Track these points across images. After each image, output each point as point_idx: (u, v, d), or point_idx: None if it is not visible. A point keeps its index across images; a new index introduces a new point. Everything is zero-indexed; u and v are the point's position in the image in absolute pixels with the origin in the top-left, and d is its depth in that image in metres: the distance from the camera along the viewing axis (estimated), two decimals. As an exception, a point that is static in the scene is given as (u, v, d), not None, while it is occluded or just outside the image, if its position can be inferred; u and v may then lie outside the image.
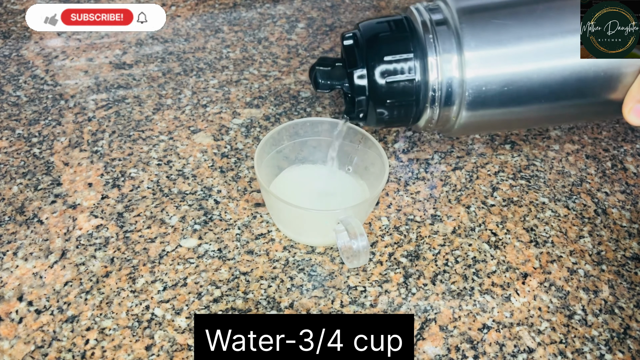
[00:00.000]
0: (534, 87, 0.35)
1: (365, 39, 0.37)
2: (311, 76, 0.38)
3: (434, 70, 0.35)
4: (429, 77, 0.36)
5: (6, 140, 0.49)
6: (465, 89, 0.35)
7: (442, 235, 0.42)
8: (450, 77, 0.35)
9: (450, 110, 0.37)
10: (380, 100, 0.37)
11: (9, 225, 0.41)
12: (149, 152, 0.48)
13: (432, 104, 0.36)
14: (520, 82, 0.35)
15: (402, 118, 0.38)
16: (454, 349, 0.35)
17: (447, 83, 0.35)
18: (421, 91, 0.36)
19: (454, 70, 0.35)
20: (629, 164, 0.50)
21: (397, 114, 0.38)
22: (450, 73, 0.35)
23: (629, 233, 0.44)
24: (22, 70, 0.57)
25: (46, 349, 0.34)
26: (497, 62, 0.35)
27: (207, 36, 0.63)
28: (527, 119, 0.40)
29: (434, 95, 0.36)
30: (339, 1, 0.71)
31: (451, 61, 0.35)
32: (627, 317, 0.38)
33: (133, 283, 0.38)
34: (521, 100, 0.36)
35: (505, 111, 0.37)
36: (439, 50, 0.35)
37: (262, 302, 0.37)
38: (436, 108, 0.37)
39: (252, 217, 0.43)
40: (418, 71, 0.36)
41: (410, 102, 0.37)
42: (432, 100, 0.36)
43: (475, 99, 0.35)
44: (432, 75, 0.35)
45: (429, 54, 0.35)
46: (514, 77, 0.35)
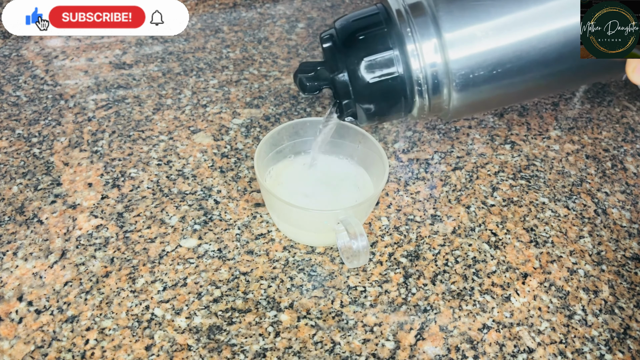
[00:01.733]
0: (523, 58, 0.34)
1: (342, 40, 0.36)
2: (296, 82, 0.38)
3: (415, 59, 0.35)
4: (412, 68, 0.35)
5: (6, 140, 0.49)
6: (451, 73, 0.34)
7: (442, 235, 0.42)
8: (433, 63, 0.34)
9: (440, 96, 0.36)
10: (367, 101, 0.36)
11: (9, 225, 0.41)
12: (149, 152, 0.48)
13: (420, 92, 0.36)
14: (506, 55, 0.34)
15: (393, 113, 0.38)
16: (454, 349, 0.35)
17: (431, 69, 0.35)
18: (406, 84, 0.35)
19: (436, 55, 0.34)
20: (629, 164, 0.50)
21: (387, 110, 0.37)
22: (432, 59, 0.34)
23: (629, 233, 0.44)
24: (22, 70, 0.57)
25: (46, 349, 0.34)
26: (478, 39, 0.34)
27: (207, 36, 0.63)
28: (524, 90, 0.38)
29: (420, 84, 0.35)
30: (339, 1, 0.71)
31: (431, 46, 0.34)
32: (627, 317, 0.38)
33: (133, 283, 0.38)
34: (512, 73, 0.35)
35: (496, 86, 0.36)
36: (417, 38, 0.34)
37: (262, 302, 0.37)
38: (425, 96, 0.36)
39: (252, 217, 0.43)
40: (400, 64, 0.35)
41: (398, 97, 0.36)
42: (420, 89, 0.35)
43: (463, 79, 0.35)
44: (415, 65, 0.35)
45: (407, 42, 0.34)
46: (498, 51, 0.34)
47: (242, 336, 0.35)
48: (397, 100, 0.36)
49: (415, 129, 0.52)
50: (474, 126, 0.53)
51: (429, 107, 0.37)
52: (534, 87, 0.38)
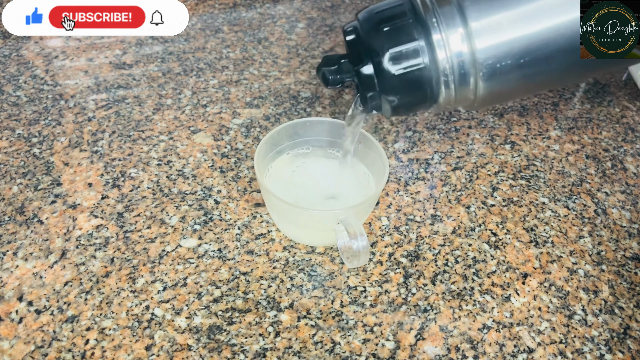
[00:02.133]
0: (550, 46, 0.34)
1: (366, 32, 0.36)
2: (319, 76, 0.37)
3: (441, 49, 0.34)
4: (437, 58, 0.34)
5: (6, 140, 0.49)
6: (478, 63, 0.34)
7: (442, 235, 0.42)
8: (459, 52, 0.34)
9: (467, 87, 0.35)
10: (392, 93, 0.36)
11: (9, 225, 0.41)
12: (149, 152, 0.48)
13: (447, 84, 0.35)
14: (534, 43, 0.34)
15: (418, 105, 0.37)
16: (454, 349, 0.35)
17: (458, 59, 0.34)
18: (433, 75, 0.35)
19: (462, 44, 0.34)
20: (629, 164, 0.50)
21: (412, 102, 0.36)
22: (458, 48, 0.34)
23: (629, 233, 0.44)
24: (22, 70, 0.57)
25: (46, 349, 0.34)
26: (505, 27, 0.33)
27: (207, 36, 0.63)
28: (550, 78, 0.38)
29: (447, 74, 0.35)
30: (339, 1, 0.71)
31: (457, 36, 0.34)
32: (627, 317, 0.38)
33: (133, 283, 0.38)
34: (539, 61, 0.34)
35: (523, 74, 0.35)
36: (443, 28, 0.34)
37: (262, 302, 0.37)
38: (451, 86, 0.35)
39: (252, 217, 0.43)
40: (426, 55, 0.34)
41: (424, 88, 0.35)
42: (446, 79, 0.35)
43: (490, 68, 0.34)
44: (441, 55, 0.34)
45: (432, 33, 0.34)
46: (525, 39, 0.34)
47: (242, 336, 0.35)
48: (423, 91, 0.36)
49: (415, 129, 0.52)
50: (474, 126, 0.53)
51: (455, 98, 0.36)
52: (561, 75, 0.37)
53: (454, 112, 0.54)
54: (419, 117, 0.53)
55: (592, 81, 0.60)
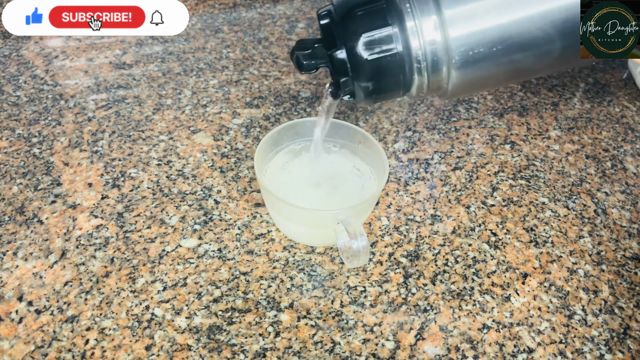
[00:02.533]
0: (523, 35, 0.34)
1: (340, 16, 0.35)
2: (293, 59, 0.37)
3: (415, 36, 0.34)
4: (411, 45, 0.34)
5: (6, 140, 0.49)
6: (450, 51, 0.34)
7: (442, 235, 0.42)
8: (432, 40, 0.34)
9: (439, 75, 0.35)
10: (365, 78, 0.35)
11: (9, 225, 0.41)
12: (149, 152, 0.48)
13: (420, 71, 0.35)
14: (507, 32, 0.34)
15: (391, 91, 0.37)
16: (454, 349, 0.35)
17: (431, 46, 0.34)
18: (405, 61, 0.35)
19: (436, 32, 0.34)
20: (629, 164, 0.50)
21: (385, 89, 0.36)
22: (431, 36, 0.34)
23: (629, 233, 0.44)
24: (22, 70, 0.57)
25: (46, 349, 0.34)
26: (479, 15, 0.33)
27: (207, 36, 0.63)
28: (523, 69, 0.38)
29: (419, 61, 0.35)
30: (339, 1, 0.71)
31: (431, 24, 0.34)
32: (627, 317, 0.38)
33: (133, 283, 0.38)
34: (512, 50, 0.34)
35: (496, 63, 0.35)
36: (417, 15, 0.34)
37: (262, 302, 0.37)
38: (424, 75, 0.35)
39: (252, 217, 0.43)
40: (399, 42, 0.34)
41: (397, 74, 0.35)
42: (419, 67, 0.35)
43: (463, 57, 0.34)
44: (414, 42, 0.34)
45: (406, 20, 0.34)
46: (499, 28, 0.34)
47: (242, 336, 0.35)
48: (396, 78, 0.35)
49: (415, 129, 0.52)
50: (474, 126, 0.53)
51: (427, 86, 0.36)
52: (534, 65, 0.37)
53: (454, 112, 0.54)
54: (419, 117, 0.53)
55: (592, 81, 0.60)
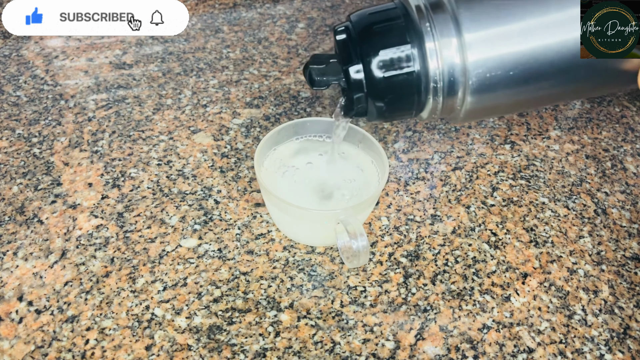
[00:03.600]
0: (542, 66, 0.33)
1: (358, 32, 0.35)
2: (305, 75, 0.36)
3: (433, 58, 0.33)
4: (428, 66, 0.34)
5: (6, 140, 0.49)
6: (468, 73, 0.33)
7: (442, 235, 0.42)
8: (451, 63, 0.33)
9: (454, 98, 0.35)
10: (380, 96, 0.35)
11: (9, 225, 0.41)
12: (149, 152, 0.48)
13: (435, 93, 0.35)
14: (526, 61, 0.33)
15: (404, 111, 0.36)
16: (454, 349, 0.35)
17: (449, 69, 0.34)
18: (422, 82, 0.34)
19: (455, 55, 0.33)
20: (629, 164, 0.50)
21: (399, 108, 0.36)
22: (450, 59, 0.33)
23: (629, 233, 0.44)
24: (22, 70, 0.57)
25: (46, 349, 0.34)
26: (500, 42, 0.33)
27: (207, 36, 0.63)
28: (537, 99, 0.37)
29: (436, 83, 0.34)
30: (339, 1, 0.71)
31: (451, 46, 0.33)
32: (627, 317, 0.38)
33: (133, 283, 0.38)
34: (529, 80, 0.34)
35: (512, 92, 0.35)
36: (436, 36, 0.33)
37: (262, 302, 0.37)
38: (439, 97, 0.35)
39: (252, 217, 0.43)
40: (417, 61, 0.34)
41: (412, 94, 0.35)
42: (435, 89, 0.34)
43: (480, 83, 0.33)
44: (432, 63, 0.34)
45: (426, 40, 0.33)
46: (518, 56, 0.33)
47: (242, 336, 0.35)
48: (410, 97, 0.35)
49: (415, 128, 0.52)
50: (474, 126, 0.53)
51: (441, 108, 0.36)
52: (550, 94, 0.37)
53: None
54: (419, 117, 0.53)
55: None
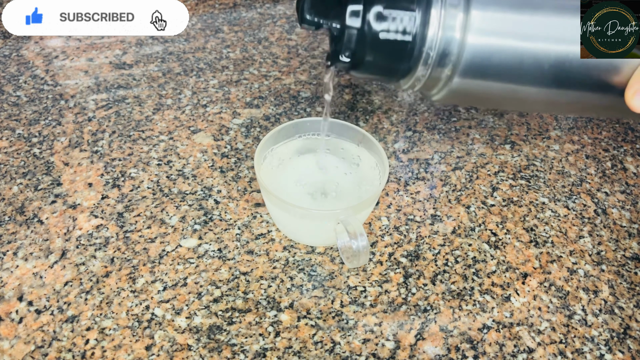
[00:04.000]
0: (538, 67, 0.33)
1: None
2: (298, 7, 0.34)
3: (434, 25, 0.33)
4: (427, 32, 0.33)
5: (6, 140, 0.49)
6: (463, 51, 0.33)
7: (442, 235, 0.42)
8: (450, 36, 0.33)
9: (441, 72, 0.34)
10: (372, 43, 0.34)
11: (9, 225, 0.41)
12: (149, 152, 0.48)
13: (425, 61, 0.34)
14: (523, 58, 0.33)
15: (389, 71, 0.35)
16: (454, 349, 0.35)
17: (446, 41, 0.33)
18: (416, 44, 0.33)
19: (456, 29, 0.32)
20: (629, 164, 0.50)
21: (386, 64, 0.35)
22: (451, 31, 0.33)
23: (629, 233, 0.44)
24: (22, 70, 0.57)
25: (46, 349, 0.34)
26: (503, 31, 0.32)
27: (207, 36, 0.63)
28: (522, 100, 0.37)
29: (429, 52, 0.33)
30: (339, 1, 0.71)
31: (455, 19, 0.32)
32: (627, 317, 0.38)
33: (133, 283, 0.38)
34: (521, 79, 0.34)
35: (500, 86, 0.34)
36: (444, 5, 0.32)
37: (262, 302, 0.37)
38: (428, 66, 0.34)
39: (252, 217, 0.43)
40: (418, 23, 0.33)
41: (402, 54, 0.34)
42: (426, 56, 0.33)
43: (471, 65, 0.33)
44: (432, 30, 0.33)
45: (433, 6, 0.32)
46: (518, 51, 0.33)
47: (242, 336, 0.35)
48: (400, 57, 0.34)
49: (416, 129, 0.52)
50: (474, 126, 0.53)
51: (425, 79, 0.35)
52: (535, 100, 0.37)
53: (454, 112, 0.54)
54: (419, 117, 0.53)
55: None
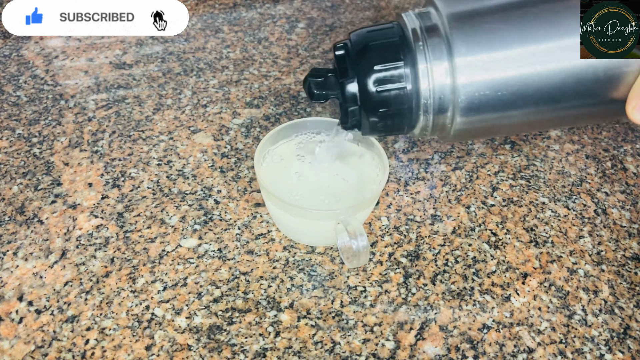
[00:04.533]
0: (530, 91, 0.35)
1: (355, 49, 0.37)
2: (305, 87, 0.38)
3: (425, 77, 0.35)
4: (420, 85, 0.35)
5: (6, 140, 0.49)
6: (458, 95, 0.35)
7: (442, 235, 0.42)
8: (441, 84, 0.35)
9: (444, 117, 0.36)
10: (373, 110, 0.37)
11: (9, 225, 0.41)
12: (149, 152, 0.48)
13: (426, 111, 0.36)
14: (515, 87, 0.35)
15: (396, 126, 0.38)
16: (454, 349, 0.35)
17: (439, 90, 0.35)
18: (413, 99, 0.36)
19: (445, 77, 0.35)
20: (629, 164, 0.50)
21: (391, 123, 0.38)
22: (441, 80, 0.35)
23: (629, 233, 0.44)
24: (22, 70, 0.57)
25: (46, 349, 0.34)
26: (490, 66, 0.35)
27: (207, 36, 0.63)
28: (526, 123, 0.39)
29: (427, 103, 0.36)
30: (339, 1, 0.71)
31: (442, 68, 0.35)
32: (627, 317, 0.38)
33: (133, 283, 0.38)
34: (517, 105, 0.36)
35: (501, 116, 0.36)
36: (429, 58, 0.35)
37: (262, 302, 0.37)
38: (430, 115, 0.36)
39: (252, 217, 0.43)
40: (409, 79, 0.36)
41: (403, 110, 0.36)
42: (425, 107, 0.36)
43: (469, 104, 0.35)
44: (424, 83, 0.35)
45: (419, 61, 0.35)
46: (508, 81, 0.35)
47: (242, 336, 0.35)
48: (402, 112, 0.37)
49: (415, 129, 0.52)
50: (474, 126, 0.53)
51: (432, 125, 0.37)
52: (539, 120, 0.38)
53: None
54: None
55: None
